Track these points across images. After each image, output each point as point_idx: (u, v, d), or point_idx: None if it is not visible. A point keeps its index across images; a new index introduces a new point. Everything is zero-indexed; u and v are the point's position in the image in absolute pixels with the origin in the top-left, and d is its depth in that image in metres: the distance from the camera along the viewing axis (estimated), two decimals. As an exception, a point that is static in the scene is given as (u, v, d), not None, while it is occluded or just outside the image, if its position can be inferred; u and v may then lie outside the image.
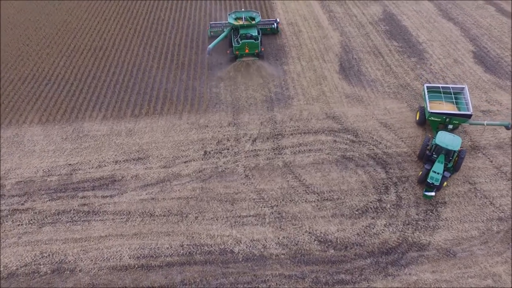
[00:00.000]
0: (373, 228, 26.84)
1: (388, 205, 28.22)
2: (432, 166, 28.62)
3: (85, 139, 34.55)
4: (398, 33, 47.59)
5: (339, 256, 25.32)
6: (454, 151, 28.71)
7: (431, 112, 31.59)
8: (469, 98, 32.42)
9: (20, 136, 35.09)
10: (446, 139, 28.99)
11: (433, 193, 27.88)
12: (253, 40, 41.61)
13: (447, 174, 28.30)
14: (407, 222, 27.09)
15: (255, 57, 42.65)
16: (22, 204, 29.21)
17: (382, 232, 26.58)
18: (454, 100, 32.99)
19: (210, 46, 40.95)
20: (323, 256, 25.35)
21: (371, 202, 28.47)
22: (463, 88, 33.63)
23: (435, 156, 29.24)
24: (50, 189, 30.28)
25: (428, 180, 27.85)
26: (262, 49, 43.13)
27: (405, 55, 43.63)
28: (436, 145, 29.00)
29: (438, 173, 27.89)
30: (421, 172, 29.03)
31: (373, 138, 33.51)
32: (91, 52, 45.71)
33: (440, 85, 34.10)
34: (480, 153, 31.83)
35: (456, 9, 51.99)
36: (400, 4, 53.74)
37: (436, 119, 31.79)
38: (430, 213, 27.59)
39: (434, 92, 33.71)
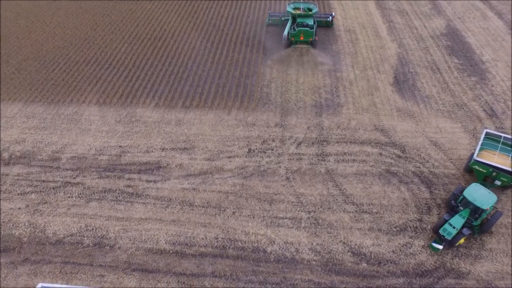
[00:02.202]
0: (410, 248, 26.10)
1: (429, 226, 27.29)
2: (450, 218, 25.98)
3: (136, 124, 36.17)
4: (460, 49, 45.63)
5: (371, 271, 24.88)
6: (482, 209, 25.22)
7: (475, 160, 28.37)
8: None
9: (79, 114, 37.36)
10: (477, 193, 25.51)
11: (440, 247, 25.25)
12: (308, 29, 43.16)
13: (466, 231, 25.12)
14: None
15: (308, 45, 44.14)
16: (74, 178, 31.14)
17: (419, 253, 25.78)
18: None
19: (285, 33, 43.63)
20: (355, 269, 25.03)
21: (411, 221, 27.67)
22: None
23: (461, 208, 26.36)
24: (100, 167, 32.04)
25: (439, 231, 25.44)
26: (316, 38, 44.90)
27: (465, 73, 41.78)
28: (464, 196, 25.95)
29: (454, 227, 25.10)
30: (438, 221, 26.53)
31: (420, 155, 32.49)
32: (150, 41, 47.66)
33: (502, 135, 30.45)
34: (537, 185, 29.98)
35: (527, 30, 49.06)
36: (466, 20, 51.45)
37: (480, 169, 28.29)
38: (474, 241, 26.36)
39: (493, 140, 30.30)
